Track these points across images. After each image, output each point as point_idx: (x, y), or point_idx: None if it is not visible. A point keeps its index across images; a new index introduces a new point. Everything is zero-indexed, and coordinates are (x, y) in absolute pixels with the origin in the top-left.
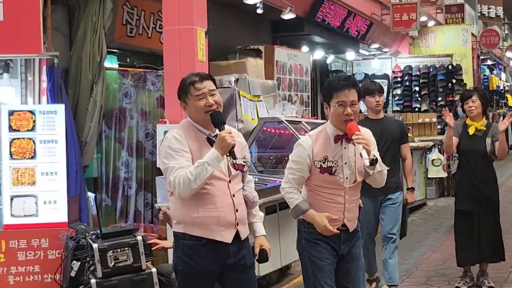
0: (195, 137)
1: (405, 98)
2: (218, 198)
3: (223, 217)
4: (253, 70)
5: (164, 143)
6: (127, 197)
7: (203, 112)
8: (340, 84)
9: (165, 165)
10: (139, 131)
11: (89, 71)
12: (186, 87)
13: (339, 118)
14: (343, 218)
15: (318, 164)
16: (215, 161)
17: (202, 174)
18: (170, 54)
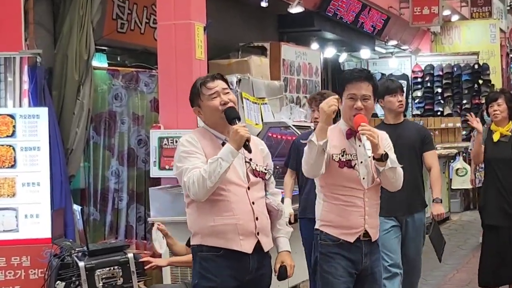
0: (210, 142)
1: (426, 101)
2: (235, 205)
3: (241, 225)
4: (257, 70)
5: (178, 148)
6: (118, 210)
7: (219, 112)
8: (352, 76)
9: (178, 168)
10: (130, 138)
11: (76, 70)
12: (197, 89)
13: (349, 112)
14: (363, 224)
15: (337, 157)
16: (229, 155)
17: (217, 170)
18: (165, 52)
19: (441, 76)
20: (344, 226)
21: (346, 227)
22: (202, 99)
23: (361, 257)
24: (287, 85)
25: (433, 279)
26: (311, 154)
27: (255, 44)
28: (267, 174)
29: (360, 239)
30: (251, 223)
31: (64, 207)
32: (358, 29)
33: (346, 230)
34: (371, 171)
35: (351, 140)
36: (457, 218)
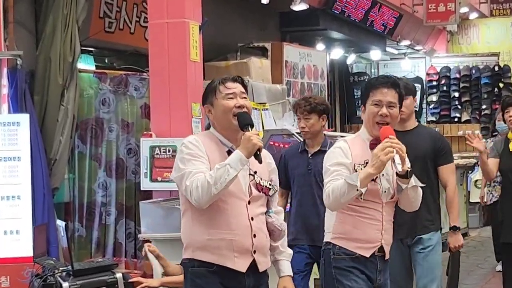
0: (216, 148)
1: (442, 106)
2: (233, 219)
3: (237, 241)
4: (257, 72)
5: (180, 150)
6: (105, 226)
7: (231, 114)
8: (378, 82)
9: (181, 171)
10: (119, 147)
11: (59, 73)
12: (214, 86)
13: (373, 119)
14: (380, 239)
15: (359, 168)
16: (238, 163)
17: (223, 177)
18: (156, 53)
19: (458, 79)
20: (360, 240)
21: (362, 240)
22: (217, 97)
23: (376, 273)
24: (290, 89)
25: None
26: (347, 196)
27: (255, 44)
28: (271, 190)
29: (374, 255)
30: (247, 240)
31: (47, 223)
32: (368, 28)
33: (362, 243)
34: (392, 185)
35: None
36: (475, 234)
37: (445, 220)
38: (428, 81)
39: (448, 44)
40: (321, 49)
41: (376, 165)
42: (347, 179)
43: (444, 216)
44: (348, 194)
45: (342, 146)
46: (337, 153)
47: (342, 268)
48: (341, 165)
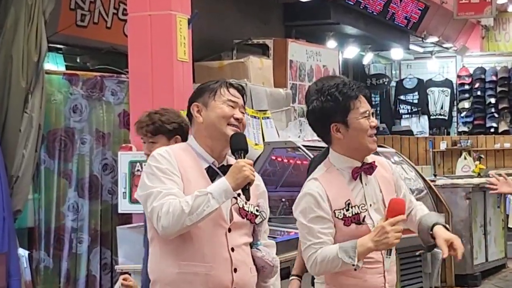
0: (192, 164)
1: (475, 114)
2: (208, 250)
3: (212, 276)
4: (257, 74)
5: (148, 164)
6: (76, 255)
7: (225, 122)
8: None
9: (147, 189)
10: (93, 162)
11: (23, 75)
12: (216, 87)
13: (365, 133)
14: (384, 284)
15: (341, 214)
16: (222, 195)
17: (201, 208)
18: (137, 52)
19: (495, 82)
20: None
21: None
22: (216, 99)
23: None
24: (295, 94)
25: None
26: (339, 269)
27: (254, 41)
28: (258, 217)
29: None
30: (226, 275)
31: (7, 252)
32: (388, 21)
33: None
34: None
35: (357, 181)
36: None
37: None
38: (459, 85)
39: (483, 41)
40: (332, 47)
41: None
42: (341, 256)
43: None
44: (341, 268)
45: (314, 192)
46: (311, 203)
47: None
48: (321, 220)
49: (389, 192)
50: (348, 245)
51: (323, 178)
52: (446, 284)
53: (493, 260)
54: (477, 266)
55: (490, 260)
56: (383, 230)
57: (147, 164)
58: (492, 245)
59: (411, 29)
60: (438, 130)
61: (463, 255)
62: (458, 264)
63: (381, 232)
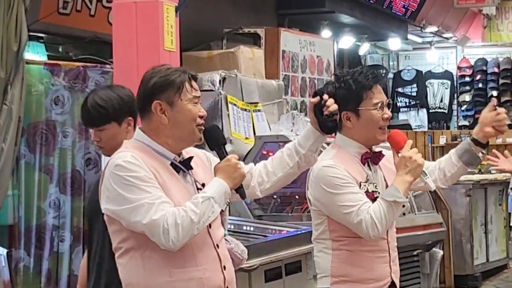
0: (156, 163)
1: (476, 108)
2: (198, 251)
3: (208, 278)
4: (247, 65)
5: (116, 174)
6: (58, 254)
7: (194, 124)
8: (370, 79)
9: (132, 202)
10: (76, 156)
11: (1, 66)
12: (179, 82)
13: (376, 125)
14: (390, 273)
15: (364, 187)
16: (223, 197)
17: (207, 214)
18: (122, 41)
19: (497, 74)
20: (368, 279)
21: (370, 280)
22: (182, 97)
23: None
24: (288, 86)
25: None
26: (395, 216)
27: (245, 30)
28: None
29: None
30: (219, 275)
31: None
32: (385, 10)
33: (371, 283)
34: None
35: (366, 166)
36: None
37: None
38: (459, 77)
39: (485, 30)
40: (327, 37)
41: (413, 169)
42: (387, 198)
43: None
44: (397, 213)
45: (332, 165)
46: (336, 173)
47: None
48: (353, 185)
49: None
50: (389, 191)
51: (337, 157)
52: (445, 285)
53: (494, 260)
54: (477, 267)
55: (491, 260)
56: (407, 158)
57: (113, 175)
58: (493, 244)
59: (409, 18)
60: (437, 124)
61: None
62: (457, 264)
63: (406, 161)
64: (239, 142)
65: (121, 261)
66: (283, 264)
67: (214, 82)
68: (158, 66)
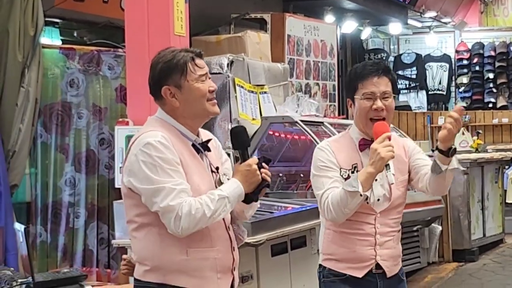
0: (181, 145)
1: (474, 90)
2: (214, 233)
3: (220, 259)
4: (254, 49)
5: (145, 152)
6: (73, 230)
7: (204, 100)
8: (366, 70)
9: (154, 183)
10: (90, 136)
11: (19, 49)
12: (182, 64)
13: (365, 115)
14: (374, 256)
15: (346, 174)
16: (237, 199)
17: (219, 212)
18: (134, 26)
19: (493, 57)
20: (350, 259)
21: (352, 260)
22: (188, 78)
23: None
24: (293, 69)
25: None
26: (351, 205)
27: (252, 15)
28: None
29: (372, 272)
30: (229, 256)
31: (4, 227)
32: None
33: (353, 263)
34: (389, 191)
35: (365, 152)
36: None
37: None
38: (457, 60)
39: (482, 15)
40: (330, 22)
41: (376, 162)
42: (345, 187)
43: None
44: (352, 202)
45: (323, 147)
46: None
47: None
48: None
49: (400, 171)
50: (349, 180)
51: (334, 141)
52: (444, 259)
53: (490, 235)
54: (474, 241)
55: (487, 235)
56: (373, 150)
57: (142, 152)
58: (489, 220)
59: (409, 3)
60: (436, 106)
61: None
62: (455, 239)
63: (373, 154)
64: (246, 122)
65: (136, 235)
66: (288, 239)
67: (222, 65)
68: (163, 50)
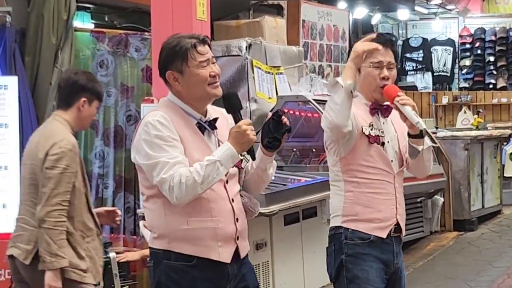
0: (184, 123)
1: (476, 71)
2: (214, 204)
3: (221, 228)
4: (271, 33)
5: (145, 131)
6: (102, 199)
7: (205, 84)
8: (374, 41)
9: (151, 158)
10: (118, 113)
11: (53, 32)
12: (184, 51)
13: (373, 83)
14: (395, 215)
15: (367, 130)
16: (230, 161)
17: (212, 176)
18: (159, 11)
19: (494, 41)
20: (376, 219)
21: (378, 219)
22: (189, 64)
23: (392, 257)
24: (307, 52)
25: (477, 285)
26: (336, 99)
27: (269, 2)
28: (243, 161)
29: (390, 235)
30: (231, 226)
31: None
32: None
33: (378, 223)
34: (399, 153)
35: (375, 116)
36: (510, 211)
37: None
38: (461, 44)
39: (483, 3)
40: (342, 8)
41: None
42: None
43: None
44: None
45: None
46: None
47: (355, 255)
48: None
49: (402, 134)
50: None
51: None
52: (445, 229)
53: (489, 206)
54: (474, 212)
55: (486, 206)
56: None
57: (143, 131)
58: (488, 192)
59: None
60: (440, 86)
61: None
62: (456, 210)
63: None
64: (263, 101)
65: (147, 205)
66: (300, 210)
67: (241, 48)
68: (172, 36)
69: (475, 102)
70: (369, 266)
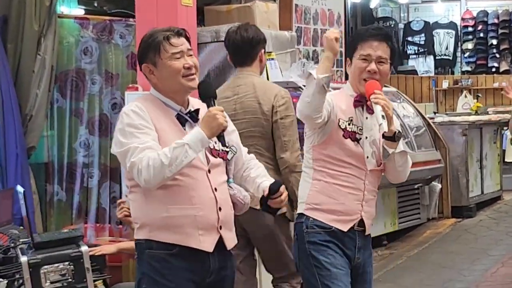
0: (162, 113)
1: (478, 55)
2: (195, 192)
3: (201, 216)
4: (262, 18)
5: (120, 120)
6: (87, 189)
7: (179, 76)
8: (367, 33)
9: (123, 145)
10: (103, 101)
11: (35, 19)
12: (156, 44)
13: (359, 75)
14: (360, 211)
15: (343, 124)
16: (199, 144)
17: (180, 158)
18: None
19: (497, 24)
20: (338, 211)
21: (340, 212)
22: (162, 56)
23: (354, 250)
24: (300, 37)
25: (471, 274)
26: (309, 91)
27: None
28: (229, 153)
29: (353, 229)
30: (213, 215)
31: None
32: None
33: (340, 216)
34: (376, 151)
35: (359, 109)
36: (510, 197)
37: None
38: (463, 27)
39: None
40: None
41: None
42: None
43: None
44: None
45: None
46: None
47: (317, 242)
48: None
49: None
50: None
51: (334, 94)
52: (443, 216)
53: (488, 192)
54: (472, 198)
55: (485, 192)
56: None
57: (119, 122)
58: (487, 178)
59: None
60: (443, 70)
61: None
62: (454, 196)
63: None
64: None
65: (130, 197)
66: None
67: None
68: (151, 30)
69: (476, 86)
70: (334, 252)
